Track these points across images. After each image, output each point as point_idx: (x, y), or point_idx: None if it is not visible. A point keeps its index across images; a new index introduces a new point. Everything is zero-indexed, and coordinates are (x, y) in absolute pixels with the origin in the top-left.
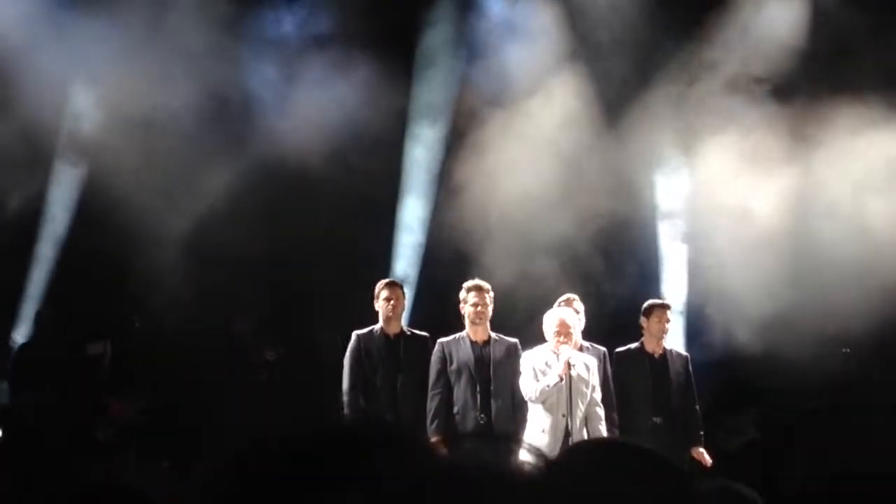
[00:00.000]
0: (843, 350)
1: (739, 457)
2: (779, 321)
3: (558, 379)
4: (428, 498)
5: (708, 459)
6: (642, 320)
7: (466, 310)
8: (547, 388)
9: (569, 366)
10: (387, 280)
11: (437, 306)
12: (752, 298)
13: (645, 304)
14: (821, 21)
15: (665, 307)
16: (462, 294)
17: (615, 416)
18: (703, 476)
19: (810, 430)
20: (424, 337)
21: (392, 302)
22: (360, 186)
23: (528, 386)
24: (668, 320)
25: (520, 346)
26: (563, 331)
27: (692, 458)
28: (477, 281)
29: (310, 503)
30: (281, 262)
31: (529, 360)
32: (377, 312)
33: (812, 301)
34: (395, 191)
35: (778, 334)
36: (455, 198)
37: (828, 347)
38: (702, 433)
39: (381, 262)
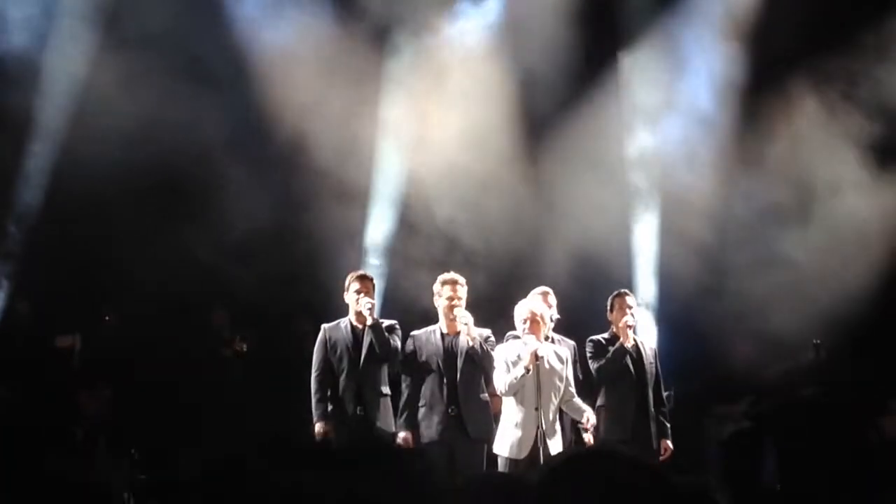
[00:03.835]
0: (814, 341)
1: (728, 446)
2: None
3: (525, 371)
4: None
5: (670, 447)
6: (608, 315)
7: (440, 303)
8: (515, 381)
9: (536, 357)
10: (357, 272)
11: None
12: (718, 290)
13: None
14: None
15: (624, 295)
16: (436, 287)
17: (590, 405)
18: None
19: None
20: (392, 325)
21: (362, 294)
22: (335, 168)
23: (499, 379)
24: (629, 307)
25: (492, 336)
26: (531, 318)
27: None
28: (452, 274)
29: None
30: (254, 249)
31: (502, 353)
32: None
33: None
34: (367, 172)
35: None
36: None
37: (798, 339)
38: (668, 425)
39: (360, 250)
